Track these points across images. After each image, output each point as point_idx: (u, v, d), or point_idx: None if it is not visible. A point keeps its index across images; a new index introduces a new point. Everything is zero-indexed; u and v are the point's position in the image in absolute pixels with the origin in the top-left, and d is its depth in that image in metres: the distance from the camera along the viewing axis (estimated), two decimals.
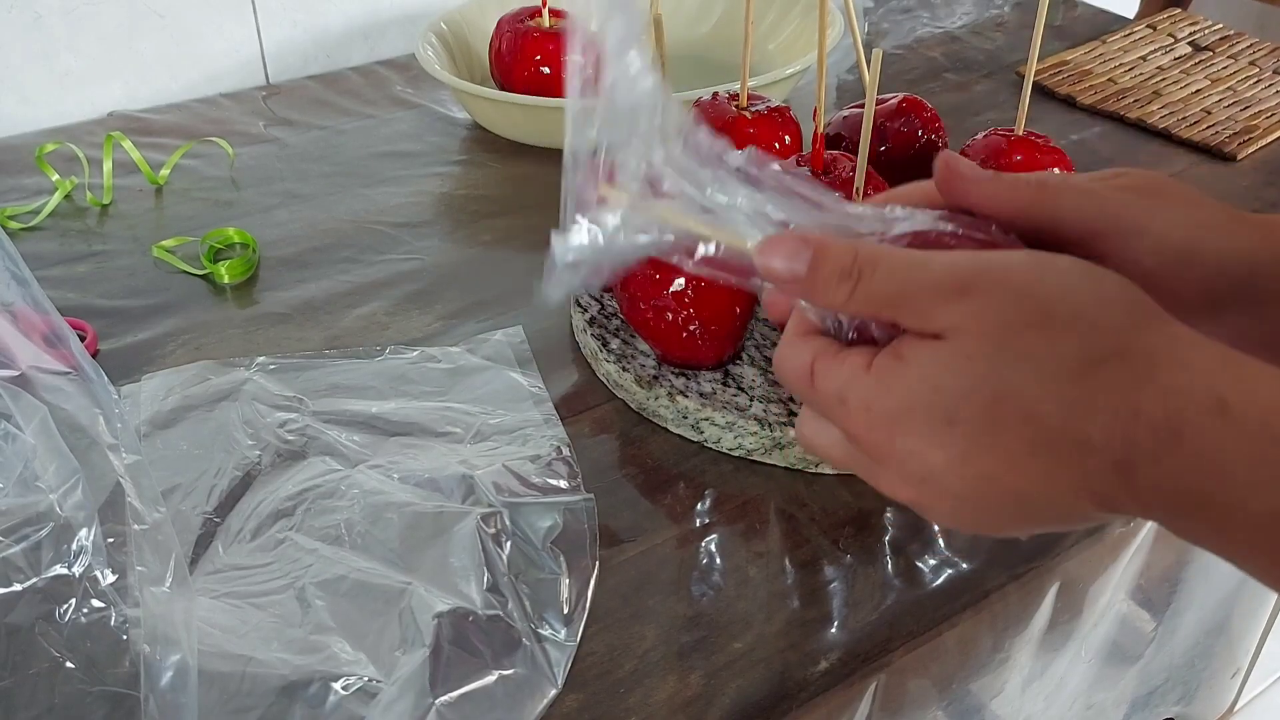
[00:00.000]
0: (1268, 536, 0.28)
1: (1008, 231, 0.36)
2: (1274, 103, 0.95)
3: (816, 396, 0.34)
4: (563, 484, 0.55)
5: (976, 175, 0.37)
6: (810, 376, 0.33)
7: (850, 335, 0.34)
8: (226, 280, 0.72)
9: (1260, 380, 0.29)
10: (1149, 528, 0.57)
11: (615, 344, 0.62)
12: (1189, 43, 1.06)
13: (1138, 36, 1.08)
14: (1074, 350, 0.30)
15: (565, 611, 0.49)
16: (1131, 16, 1.18)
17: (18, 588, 0.45)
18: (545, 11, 0.90)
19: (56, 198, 0.79)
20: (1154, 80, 0.99)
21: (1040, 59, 0.90)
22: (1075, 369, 0.30)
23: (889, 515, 0.55)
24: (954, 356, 0.30)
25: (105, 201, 0.81)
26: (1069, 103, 0.97)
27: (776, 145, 0.69)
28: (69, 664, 0.44)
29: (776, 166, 0.36)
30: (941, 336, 0.31)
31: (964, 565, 0.52)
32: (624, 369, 0.60)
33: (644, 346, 0.61)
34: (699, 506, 0.55)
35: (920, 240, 0.34)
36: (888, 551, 0.53)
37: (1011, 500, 0.31)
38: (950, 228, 0.35)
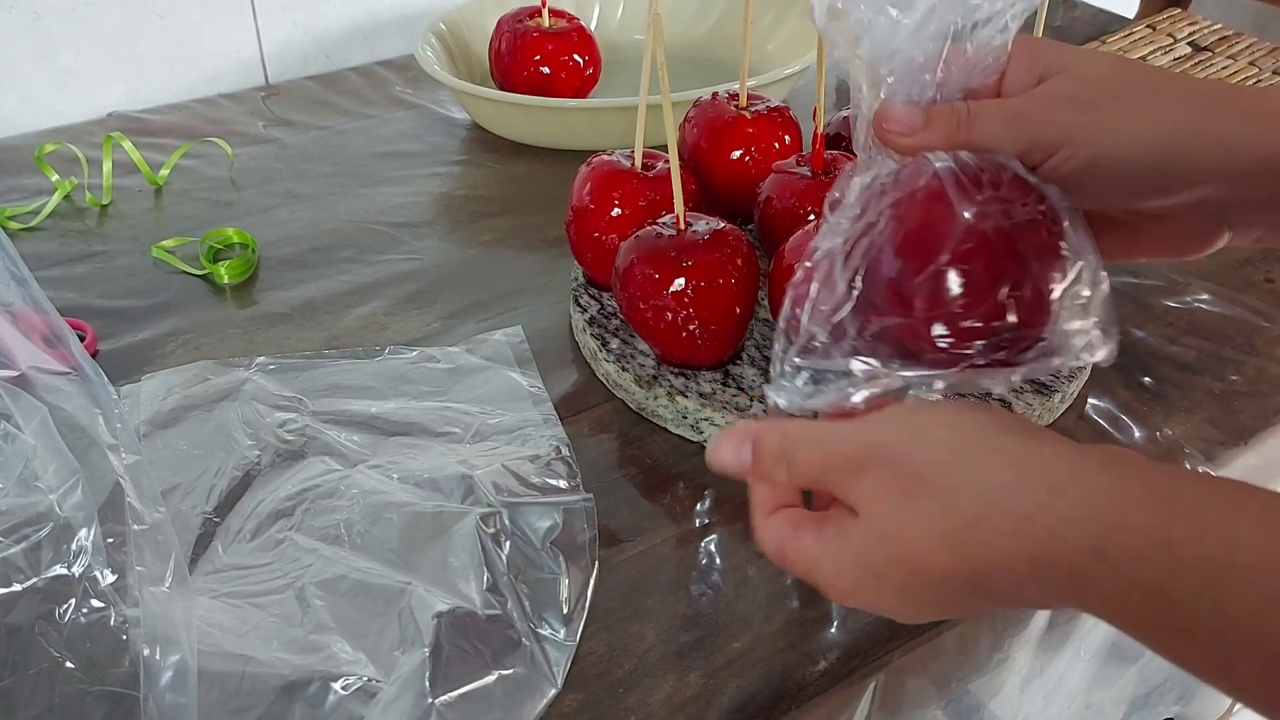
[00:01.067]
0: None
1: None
2: None
3: (794, 570, 0.39)
4: (562, 484, 0.55)
5: (910, 124, 0.41)
6: (784, 557, 0.39)
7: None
8: (226, 280, 0.72)
9: (1132, 525, 0.31)
10: None
11: (615, 344, 0.62)
12: (1188, 43, 1.06)
13: (1137, 36, 1.08)
14: (948, 513, 0.34)
15: (564, 611, 0.49)
16: (1131, 16, 1.18)
17: (17, 588, 0.45)
18: (545, 11, 0.90)
19: (56, 198, 0.80)
20: None
21: None
22: (957, 527, 0.33)
23: None
24: (868, 532, 0.36)
25: (105, 202, 0.81)
26: None
27: (776, 145, 0.69)
28: (69, 664, 0.44)
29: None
30: (856, 511, 0.36)
31: None
32: (623, 369, 0.60)
33: (644, 346, 0.61)
34: (698, 506, 0.55)
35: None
36: None
37: (958, 612, 0.37)
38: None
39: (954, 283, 0.39)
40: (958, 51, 0.41)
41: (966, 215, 0.39)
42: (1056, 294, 0.40)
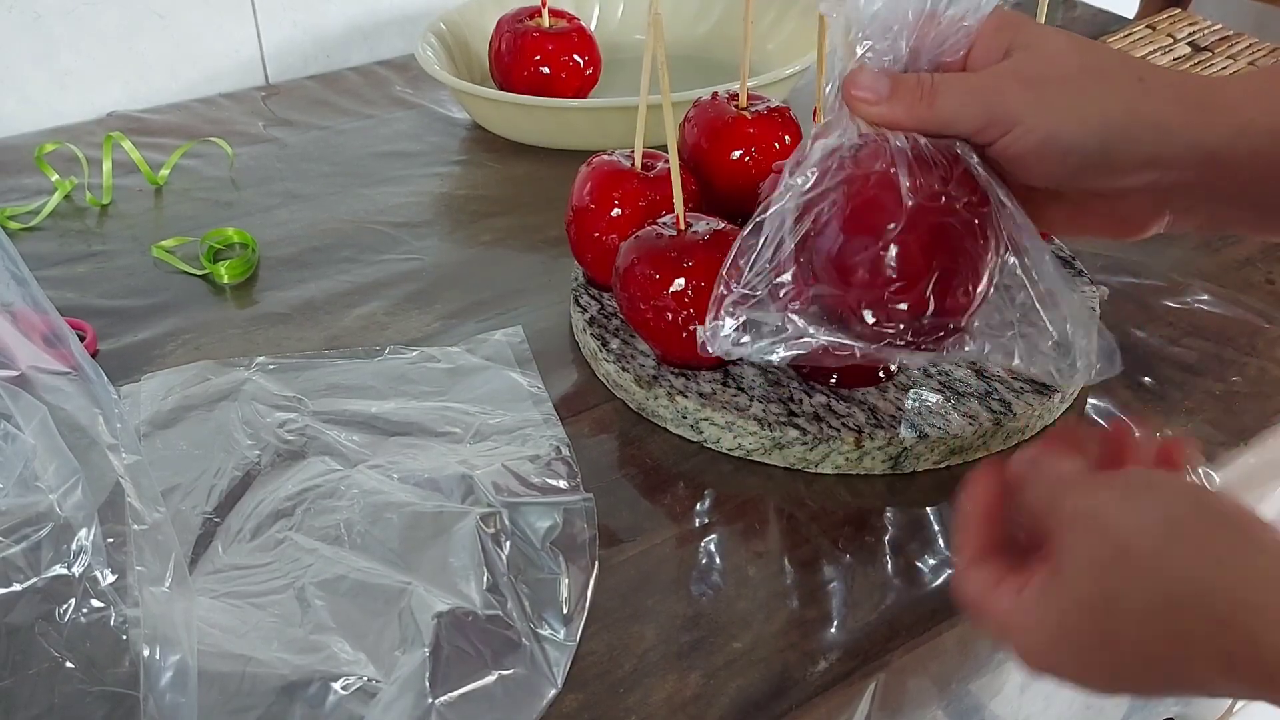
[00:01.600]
0: None
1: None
2: None
3: (987, 626, 0.38)
4: (562, 484, 0.55)
5: (877, 91, 0.43)
6: (980, 611, 0.38)
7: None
8: (226, 280, 0.72)
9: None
10: None
11: (615, 344, 0.62)
12: (1188, 43, 1.06)
13: (1137, 37, 1.08)
14: (1152, 590, 0.33)
15: (564, 611, 0.49)
16: (1131, 16, 1.18)
17: (17, 588, 0.45)
18: (545, 11, 0.90)
19: (56, 198, 0.80)
20: None
21: None
22: (1159, 607, 0.33)
23: (889, 515, 0.55)
24: (1067, 595, 0.35)
25: (105, 201, 0.81)
26: None
27: (776, 145, 0.69)
28: (68, 664, 0.44)
29: None
30: (1057, 569, 0.35)
31: None
32: (623, 369, 0.60)
33: (644, 346, 0.61)
34: (698, 506, 0.55)
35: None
36: (887, 551, 0.53)
37: (1152, 691, 0.36)
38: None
39: (888, 267, 0.42)
40: (932, 22, 0.42)
41: (909, 204, 0.42)
42: (979, 290, 0.43)
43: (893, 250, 0.42)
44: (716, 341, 0.44)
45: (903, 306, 0.43)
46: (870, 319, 0.43)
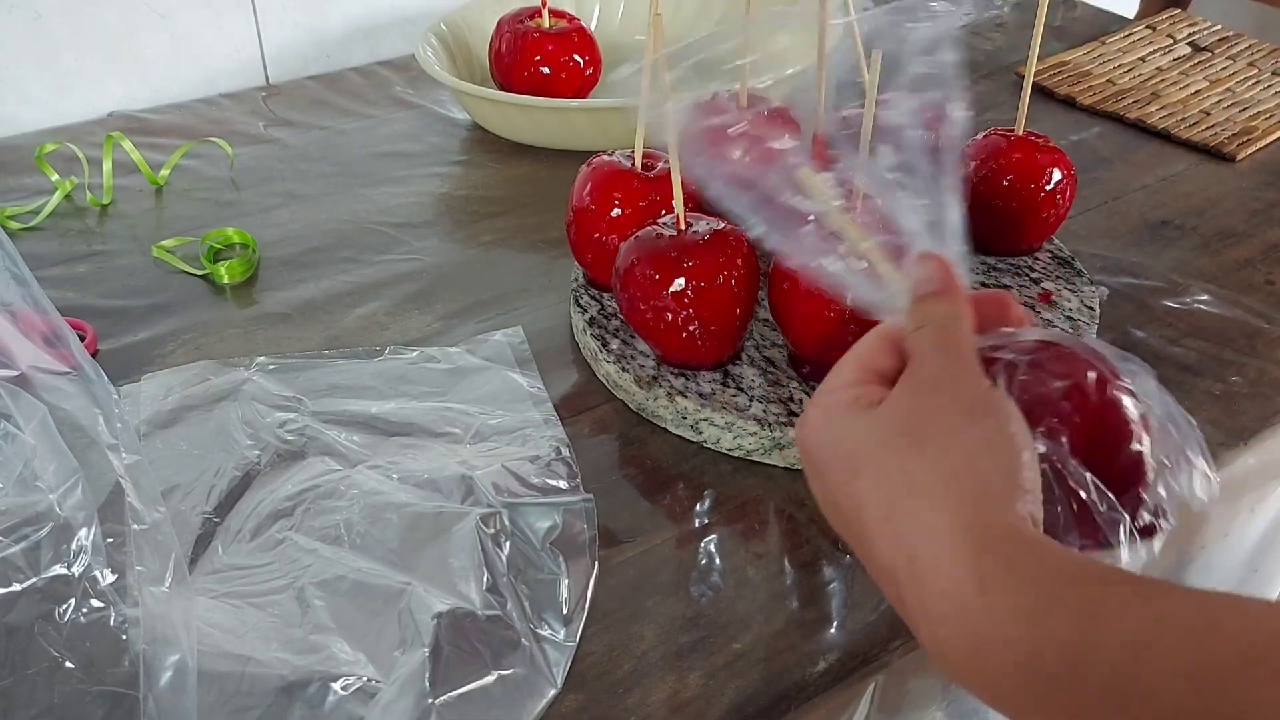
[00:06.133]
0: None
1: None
2: (1273, 104, 0.95)
3: (827, 376, 0.40)
4: (562, 484, 0.55)
5: None
6: (841, 364, 0.40)
7: None
8: (226, 280, 0.72)
9: (1025, 565, 0.33)
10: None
11: (615, 344, 0.62)
12: (1188, 43, 1.06)
13: (1137, 37, 1.08)
14: (904, 483, 0.35)
15: (564, 612, 0.49)
16: (1131, 17, 1.18)
17: (17, 588, 0.45)
18: (545, 12, 0.90)
19: (56, 198, 0.79)
20: (1153, 81, 0.99)
21: (1040, 59, 0.90)
22: (901, 495, 0.35)
23: None
24: (859, 427, 0.37)
25: (105, 201, 0.81)
26: (1069, 103, 0.97)
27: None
28: (68, 664, 0.44)
29: None
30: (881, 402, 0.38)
31: None
32: (623, 369, 0.60)
33: (644, 347, 0.61)
34: (698, 507, 0.55)
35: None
36: None
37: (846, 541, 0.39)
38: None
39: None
40: None
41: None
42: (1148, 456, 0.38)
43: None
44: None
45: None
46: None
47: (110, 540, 0.46)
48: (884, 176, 0.42)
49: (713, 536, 0.53)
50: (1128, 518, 0.38)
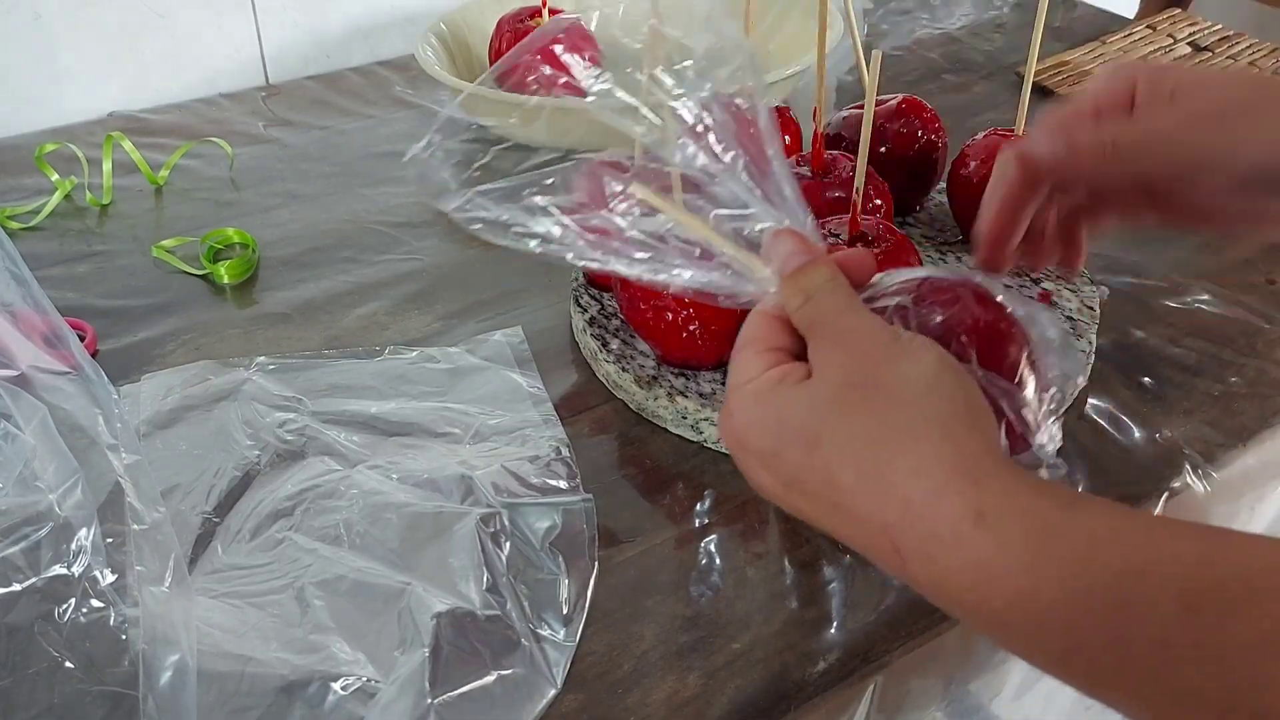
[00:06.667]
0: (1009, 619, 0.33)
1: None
2: None
3: (733, 369, 0.40)
4: (562, 484, 0.55)
5: (1054, 153, 0.44)
6: (735, 355, 0.40)
7: None
8: (226, 280, 0.72)
9: (1018, 496, 0.33)
10: None
11: (615, 344, 0.62)
12: (1189, 43, 1.06)
13: (1137, 37, 1.08)
14: (877, 428, 0.35)
15: (564, 612, 0.49)
16: (1131, 17, 1.18)
17: (17, 588, 0.45)
18: (545, 11, 0.90)
19: (56, 197, 0.79)
20: None
21: (1040, 59, 0.90)
22: (873, 443, 0.35)
23: None
24: (802, 396, 0.37)
25: (105, 201, 0.81)
26: None
27: None
28: (68, 663, 0.44)
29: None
30: (810, 375, 0.37)
31: None
32: (623, 369, 0.60)
33: (644, 347, 0.61)
34: (698, 507, 0.55)
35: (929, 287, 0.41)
36: None
37: (812, 523, 0.38)
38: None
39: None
40: None
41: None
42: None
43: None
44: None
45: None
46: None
47: (110, 540, 0.46)
48: (706, 166, 0.42)
49: (712, 536, 0.53)
50: (1040, 410, 0.40)
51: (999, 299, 0.41)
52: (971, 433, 0.35)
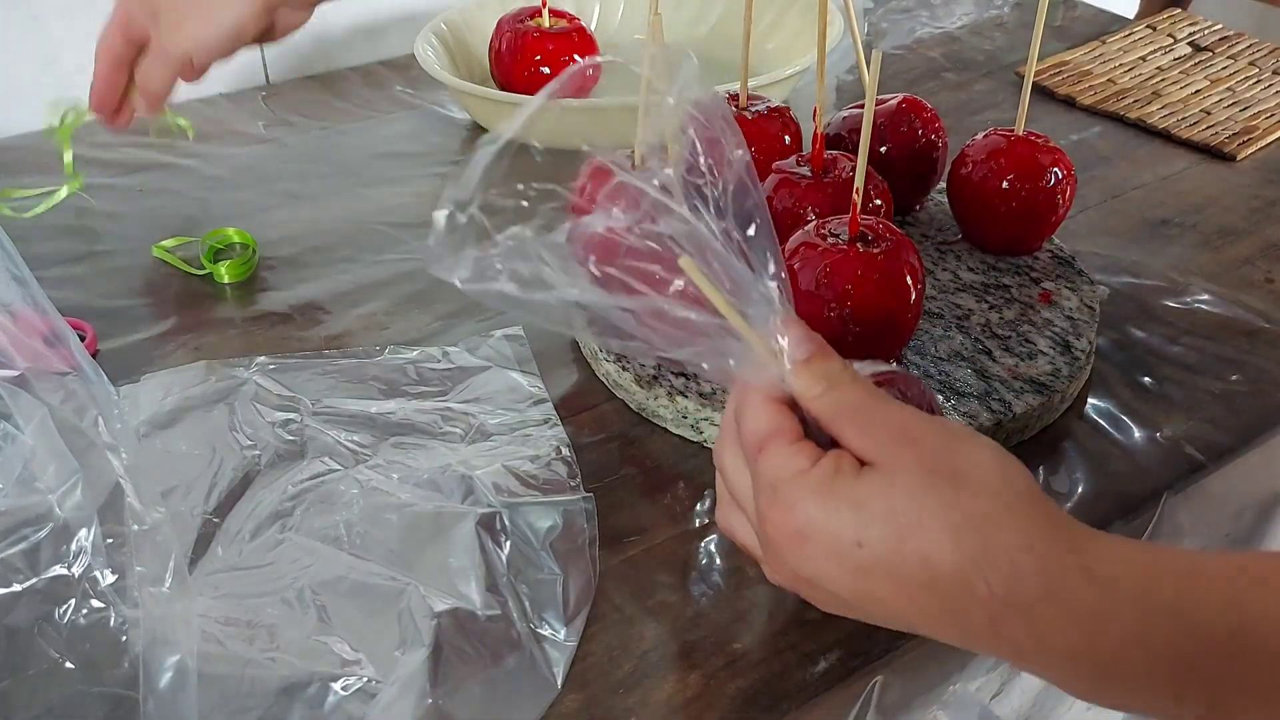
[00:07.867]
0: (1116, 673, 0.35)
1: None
2: (1274, 103, 0.95)
3: (756, 469, 0.39)
4: (562, 484, 0.55)
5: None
6: (759, 447, 0.39)
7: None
8: (226, 280, 0.72)
9: (1113, 550, 0.35)
10: (1150, 529, 0.57)
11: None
12: (1189, 43, 1.06)
13: (1137, 37, 1.08)
14: (977, 511, 0.36)
15: (564, 612, 0.49)
16: (1131, 16, 1.18)
17: (17, 588, 0.45)
18: (545, 11, 0.90)
19: (59, 195, 0.79)
20: (1154, 81, 0.99)
21: (1040, 59, 0.90)
22: (975, 526, 0.35)
23: None
24: (881, 485, 0.36)
25: (75, 179, 0.78)
26: (1069, 103, 0.97)
27: (776, 145, 0.69)
28: (68, 664, 0.44)
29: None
30: (874, 465, 0.37)
31: None
32: (624, 369, 0.60)
33: None
34: (698, 506, 0.55)
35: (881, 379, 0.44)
36: None
37: (891, 617, 0.38)
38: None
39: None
40: None
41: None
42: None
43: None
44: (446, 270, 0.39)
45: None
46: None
47: (110, 541, 0.46)
48: (711, 242, 0.41)
49: (713, 536, 0.53)
50: None
51: (921, 385, 0.47)
52: (1047, 502, 0.37)
